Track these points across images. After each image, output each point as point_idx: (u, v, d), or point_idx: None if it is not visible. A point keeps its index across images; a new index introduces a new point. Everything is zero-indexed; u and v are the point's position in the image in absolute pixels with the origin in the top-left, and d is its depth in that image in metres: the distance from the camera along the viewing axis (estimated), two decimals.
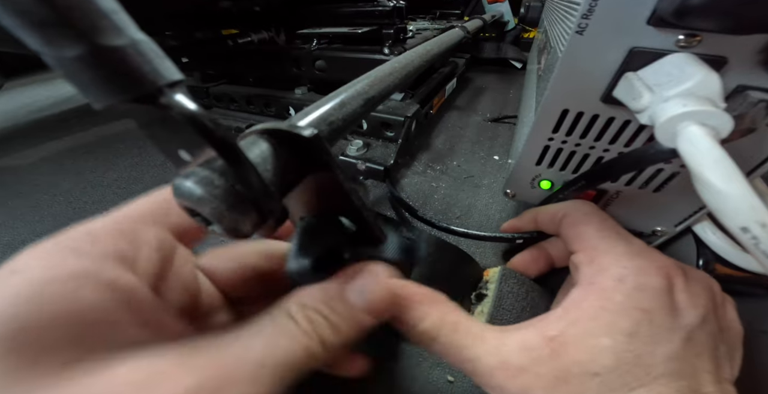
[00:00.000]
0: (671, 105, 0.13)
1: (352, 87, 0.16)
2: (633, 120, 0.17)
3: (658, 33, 0.14)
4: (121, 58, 0.06)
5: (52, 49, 0.06)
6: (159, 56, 0.07)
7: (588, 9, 0.14)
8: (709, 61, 0.13)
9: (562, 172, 0.22)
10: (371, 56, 0.32)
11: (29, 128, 0.56)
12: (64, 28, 0.06)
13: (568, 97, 0.18)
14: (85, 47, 0.06)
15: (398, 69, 0.19)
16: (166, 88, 0.07)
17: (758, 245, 0.09)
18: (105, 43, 0.06)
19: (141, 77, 0.07)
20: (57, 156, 0.45)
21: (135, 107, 0.07)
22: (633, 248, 0.15)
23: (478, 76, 0.67)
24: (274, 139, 0.10)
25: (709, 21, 0.12)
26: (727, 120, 0.12)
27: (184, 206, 0.09)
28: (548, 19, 0.38)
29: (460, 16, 0.69)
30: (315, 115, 0.13)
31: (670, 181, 0.19)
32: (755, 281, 0.20)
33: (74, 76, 0.06)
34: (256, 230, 0.09)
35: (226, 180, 0.08)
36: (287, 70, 0.38)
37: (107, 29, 0.06)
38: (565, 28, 0.19)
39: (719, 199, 0.11)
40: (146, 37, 0.07)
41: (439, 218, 0.28)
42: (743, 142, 0.14)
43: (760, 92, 0.13)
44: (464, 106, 0.53)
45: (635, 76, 0.15)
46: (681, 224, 0.21)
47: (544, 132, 0.20)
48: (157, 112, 0.07)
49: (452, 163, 0.38)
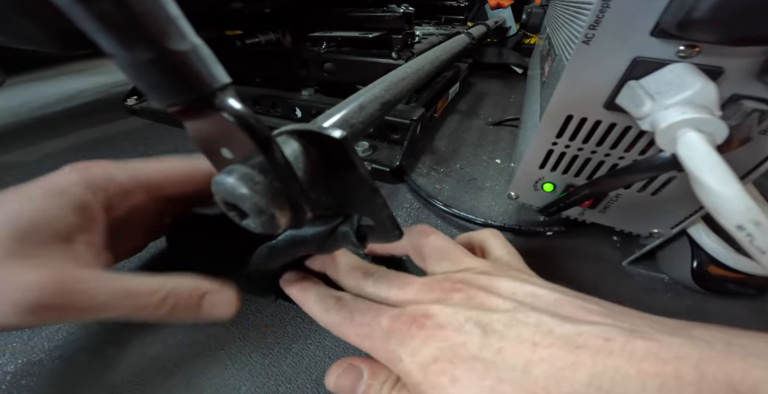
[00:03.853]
0: (671, 112, 0.14)
1: (369, 91, 0.16)
2: (634, 126, 0.18)
3: (661, 44, 0.15)
4: (185, 62, 0.07)
5: (127, 52, 0.06)
6: (213, 60, 0.08)
7: (595, 20, 0.15)
8: (707, 71, 0.14)
9: (565, 175, 0.23)
10: (380, 60, 0.33)
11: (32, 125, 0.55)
12: (139, 33, 0.06)
13: (573, 104, 0.19)
14: (156, 51, 0.06)
15: (410, 74, 0.20)
16: (219, 91, 0.08)
17: (753, 241, 0.10)
18: (173, 48, 0.07)
19: (200, 80, 0.07)
20: (60, 153, 0.45)
21: (191, 108, 0.08)
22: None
23: (480, 81, 0.69)
24: (304, 139, 0.11)
25: (710, 33, 0.13)
26: (722, 127, 0.13)
27: (222, 201, 0.10)
28: (551, 26, 0.39)
29: (463, 22, 0.70)
30: (337, 117, 0.14)
31: (667, 185, 0.20)
32: (747, 282, 0.21)
33: (143, 78, 0.07)
34: (289, 225, 0.10)
35: (265, 177, 0.09)
36: (295, 72, 0.39)
37: (174, 34, 0.07)
38: (571, 37, 0.20)
39: (716, 200, 0.11)
40: (202, 41, 0.08)
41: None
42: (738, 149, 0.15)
43: (754, 101, 0.14)
44: (467, 110, 0.54)
45: (638, 84, 0.15)
46: (677, 227, 0.22)
47: (547, 136, 0.21)
48: (210, 112, 0.08)
49: (455, 165, 0.38)
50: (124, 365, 0.18)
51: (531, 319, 0.11)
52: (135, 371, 0.18)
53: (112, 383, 0.17)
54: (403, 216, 0.31)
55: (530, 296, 0.13)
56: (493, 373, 0.10)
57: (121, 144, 0.46)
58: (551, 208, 0.23)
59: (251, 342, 0.19)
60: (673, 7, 0.13)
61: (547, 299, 0.13)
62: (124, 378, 0.18)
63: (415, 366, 0.12)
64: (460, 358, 0.11)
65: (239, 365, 0.18)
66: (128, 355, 0.19)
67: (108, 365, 0.18)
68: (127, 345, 0.19)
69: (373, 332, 0.13)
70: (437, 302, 0.13)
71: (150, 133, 0.48)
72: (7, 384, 0.17)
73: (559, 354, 0.10)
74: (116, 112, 0.53)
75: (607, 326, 0.11)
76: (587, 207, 0.24)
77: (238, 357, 0.19)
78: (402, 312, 0.13)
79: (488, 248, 0.17)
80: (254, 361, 0.19)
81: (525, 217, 0.30)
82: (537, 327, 0.11)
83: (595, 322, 0.11)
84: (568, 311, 0.12)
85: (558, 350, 0.10)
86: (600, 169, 0.21)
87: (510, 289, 0.13)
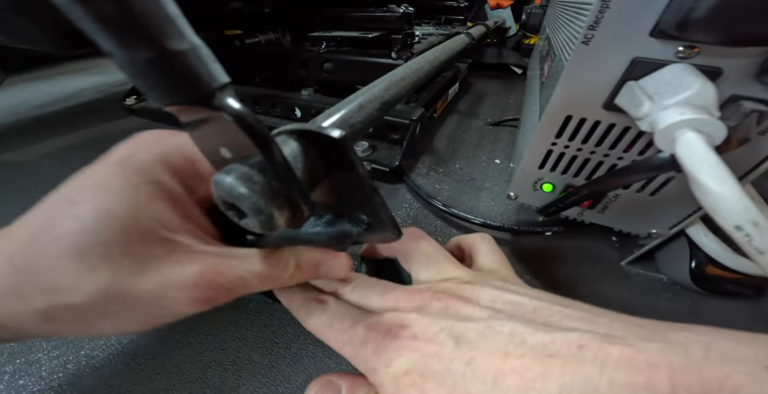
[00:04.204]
0: (670, 113, 0.14)
1: (368, 91, 0.16)
2: (633, 126, 0.18)
3: (660, 44, 0.15)
4: (184, 61, 0.07)
5: (126, 52, 0.06)
6: (212, 60, 0.08)
7: (594, 21, 0.15)
8: (706, 72, 0.14)
9: (564, 175, 0.23)
10: (379, 60, 0.33)
11: (31, 124, 0.55)
12: (138, 33, 0.06)
13: (572, 104, 0.19)
14: (155, 51, 0.06)
15: (410, 74, 0.20)
16: (218, 91, 0.08)
17: (751, 241, 0.10)
18: (172, 47, 0.07)
19: (199, 80, 0.07)
20: (60, 152, 0.45)
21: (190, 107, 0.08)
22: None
23: (479, 81, 0.69)
24: (303, 139, 0.11)
25: (709, 34, 0.13)
26: (721, 128, 0.13)
27: (221, 200, 0.10)
28: (551, 27, 0.39)
29: (463, 22, 0.70)
30: (337, 117, 0.14)
31: (666, 185, 0.20)
32: (745, 282, 0.21)
33: (142, 77, 0.07)
34: (287, 224, 0.10)
35: (264, 176, 0.09)
36: (295, 72, 0.39)
37: (173, 34, 0.07)
38: (570, 37, 0.20)
39: (715, 200, 0.11)
40: (201, 41, 0.08)
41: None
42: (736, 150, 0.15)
43: (752, 102, 0.14)
44: (466, 111, 0.54)
45: (637, 84, 0.15)
46: (675, 227, 0.22)
47: (547, 137, 0.21)
48: (209, 111, 0.08)
49: (455, 166, 0.38)
50: (123, 365, 0.18)
51: (505, 327, 0.11)
52: (134, 371, 0.18)
53: (111, 383, 0.17)
54: (403, 216, 0.31)
55: (509, 304, 0.13)
56: (461, 387, 0.10)
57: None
58: (550, 208, 0.23)
59: (251, 342, 0.19)
60: (673, 8, 0.13)
61: (526, 306, 0.13)
62: (124, 378, 0.18)
63: (387, 378, 0.12)
64: (430, 371, 0.11)
65: (239, 365, 0.18)
66: (127, 355, 0.19)
67: (107, 365, 0.18)
68: (125, 345, 0.19)
69: (351, 340, 0.13)
70: (415, 310, 0.13)
71: None
72: (5, 384, 0.17)
73: (530, 365, 0.10)
74: (115, 112, 0.53)
75: (581, 331, 0.10)
76: (586, 207, 0.24)
77: (238, 357, 0.19)
78: (379, 320, 0.13)
79: (476, 253, 0.17)
80: (254, 361, 0.19)
81: (524, 217, 0.30)
82: (510, 337, 0.11)
83: (571, 328, 0.11)
84: (545, 317, 0.12)
85: (529, 360, 0.10)
86: (599, 170, 0.21)
87: (490, 298, 0.13)
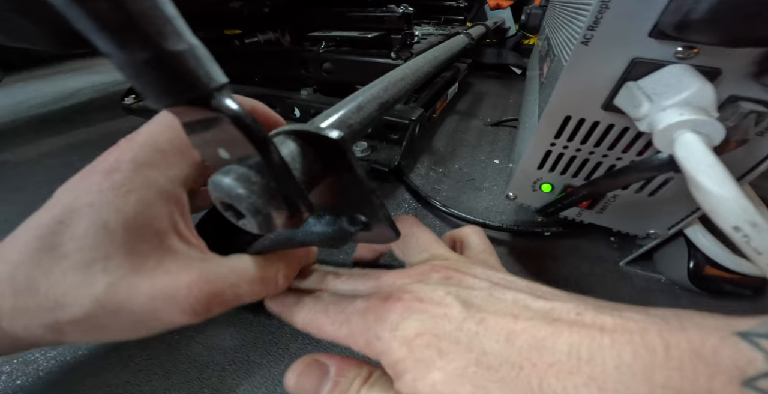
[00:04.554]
0: (669, 113, 0.14)
1: (367, 91, 0.16)
2: (631, 127, 0.18)
3: (659, 45, 0.15)
4: (182, 62, 0.07)
5: (124, 52, 0.06)
6: (210, 60, 0.08)
7: (594, 21, 0.15)
8: (705, 73, 0.14)
9: (563, 175, 0.23)
10: (379, 60, 0.33)
11: (29, 124, 0.55)
12: (136, 33, 0.06)
13: (571, 105, 0.19)
14: (152, 51, 0.06)
15: (409, 74, 0.20)
16: (216, 91, 0.08)
17: (749, 242, 0.10)
18: (169, 48, 0.07)
19: (197, 80, 0.07)
20: (59, 151, 0.45)
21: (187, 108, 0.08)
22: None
23: (478, 82, 0.69)
24: (301, 139, 0.11)
25: (708, 34, 0.13)
26: (719, 128, 0.13)
27: (219, 200, 0.10)
28: (550, 27, 0.39)
29: (463, 22, 0.70)
30: (335, 117, 0.14)
31: (664, 186, 0.20)
32: (743, 283, 0.21)
33: (140, 78, 0.07)
34: (285, 225, 0.10)
35: (262, 177, 0.09)
36: (294, 72, 0.39)
37: (171, 34, 0.07)
38: (569, 37, 0.20)
39: (713, 201, 0.11)
40: (199, 42, 0.07)
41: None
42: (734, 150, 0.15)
43: (751, 103, 0.14)
44: (465, 111, 0.54)
45: (636, 85, 0.15)
46: (673, 228, 0.22)
47: (546, 137, 0.21)
48: (206, 112, 0.08)
49: (454, 166, 0.38)
50: (120, 365, 0.18)
51: (507, 296, 0.12)
52: (132, 372, 0.18)
53: (109, 383, 0.17)
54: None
55: (503, 280, 0.14)
56: (477, 344, 0.11)
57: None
58: (549, 208, 0.23)
59: (249, 342, 0.19)
60: (672, 9, 0.13)
61: (519, 283, 0.13)
62: (122, 378, 0.18)
63: (396, 342, 0.11)
64: (443, 331, 0.11)
65: (237, 365, 0.18)
66: (125, 355, 0.19)
67: (105, 365, 0.18)
68: (124, 345, 0.19)
69: (348, 317, 0.13)
70: (416, 282, 0.13)
71: None
72: (2, 384, 0.17)
73: (540, 325, 0.10)
74: (114, 111, 0.53)
75: (576, 303, 0.11)
76: (585, 208, 0.24)
77: (236, 357, 0.19)
78: (378, 292, 0.13)
79: (467, 243, 0.18)
80: (252, 361, 0.19)
81: (523, 217, 0.30)
82: (514, 303, 0.12)
83: (565, 300, 0.12)
84: (539, 293, 0.13)
85: (538, 322, 0.11)
86: (598, 170, 0.21)
87: (485, 274, 0.14)
